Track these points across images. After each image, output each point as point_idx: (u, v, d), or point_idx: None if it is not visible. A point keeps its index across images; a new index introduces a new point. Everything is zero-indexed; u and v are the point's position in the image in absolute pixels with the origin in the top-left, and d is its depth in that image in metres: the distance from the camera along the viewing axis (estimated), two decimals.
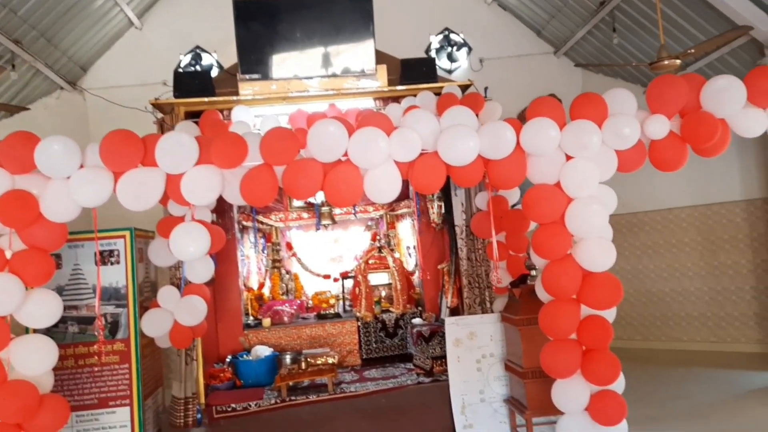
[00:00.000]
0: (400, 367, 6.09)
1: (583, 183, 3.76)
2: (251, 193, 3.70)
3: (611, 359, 3.83)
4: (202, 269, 4.89)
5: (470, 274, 5.50)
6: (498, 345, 5.27)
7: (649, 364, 7.30)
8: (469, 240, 5.53)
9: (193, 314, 4.76)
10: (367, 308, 6.47)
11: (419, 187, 3.84)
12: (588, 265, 3.80)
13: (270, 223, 7.22)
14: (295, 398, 5.18)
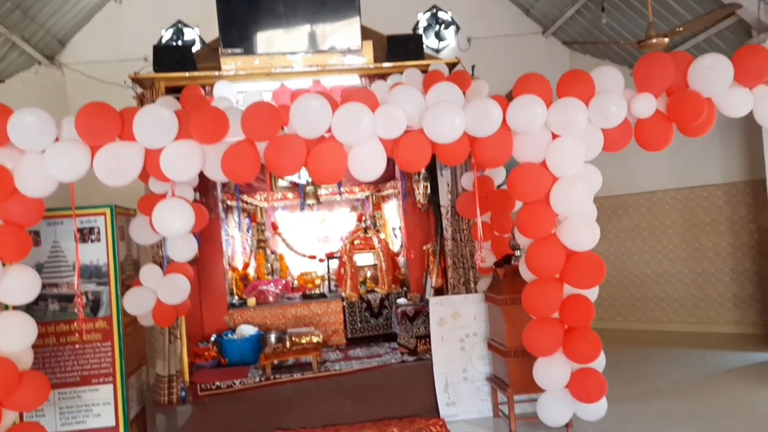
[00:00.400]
0: (384, 346, 6.10)
1: (568, 162, 3.75)
2: (233, 169, 3.64)
3: (592, 338, 3.86)
4: (184, 248, 4.85)
5: (455, 255, 5.50)
6: (481, 324, 5.29)
7: (630, 344, 7.39)
8: (454, 220, 5.53)
9: (176, 293, 4.72)
10: (352, 288, 6.46)
11: (404, 164, 3.81)
12: (572, 244, 3.81)
13: (255, 202, 7.15)
14: (280, 377, 5.18)
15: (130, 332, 4.96)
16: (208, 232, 6.14)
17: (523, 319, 4.29)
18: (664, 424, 4.59)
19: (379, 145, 3.71)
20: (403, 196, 6.39)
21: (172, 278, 4.75)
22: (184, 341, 5.21)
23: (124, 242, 5.04)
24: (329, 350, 6.11)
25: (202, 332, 6.12)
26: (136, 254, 5.36)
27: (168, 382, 4.91)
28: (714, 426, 4.49)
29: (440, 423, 5.00)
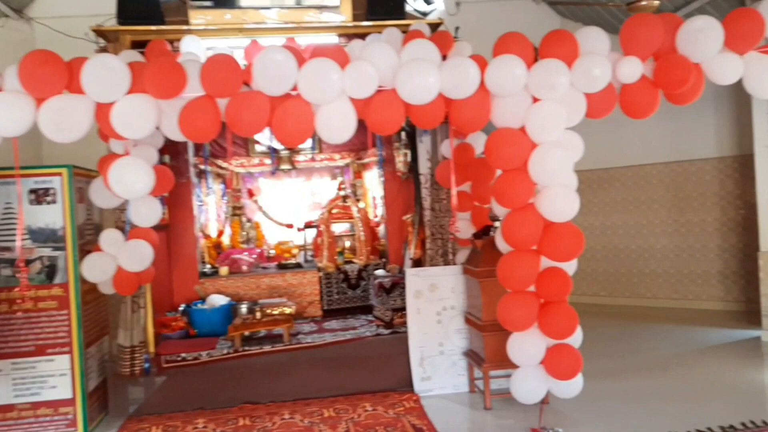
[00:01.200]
0: (360, 318, 5.95)
1: (548, 127, 3.54)
2: (190, 127, 3.40)
3: (569, 312, 3.71)
4: (147, 212, 4.61)
5: (433, 225, 5.31)
6: (459, 297, 5.13)
7: (612, 319, 7.30)
8: (433, 190, 5.32)
9: (138, 259, 4.50)
10: (329, 259, 6.28)
11: (376, 126, 3.58)
12: (550, 214, 3.63)
13: (230, 168, 6.90)
14: (249, 348, 5.01)
15: (89, 300, 4.75)
16: (178, 197, 5.92)
17: (500, 292, 4.12)
18: (642, 402, 4.48)
19: (348, 105, 3.47)
20: (380, 164, 6.16)
21: (133, 244, 4.53)
22: (150, 311, 5.01)
23: (83, 205, 4.79)
24: (304, 322, 5.95)
25: (172, 301, 5.93)
26: (99, 218, 5.12)
27: (131, 353, 4.72)
28: (693, 405, 4.38)
29: (414, 398, 4.87)
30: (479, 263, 4.63)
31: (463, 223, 5.19)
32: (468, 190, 5.20)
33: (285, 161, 6.39)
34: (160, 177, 4.57)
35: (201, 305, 5.69)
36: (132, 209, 4.56)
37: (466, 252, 5.20)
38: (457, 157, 5.02)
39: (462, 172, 5.08)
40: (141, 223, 4.63)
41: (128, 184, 3.62)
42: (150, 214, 4.62)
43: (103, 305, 5.10)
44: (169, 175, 4.70)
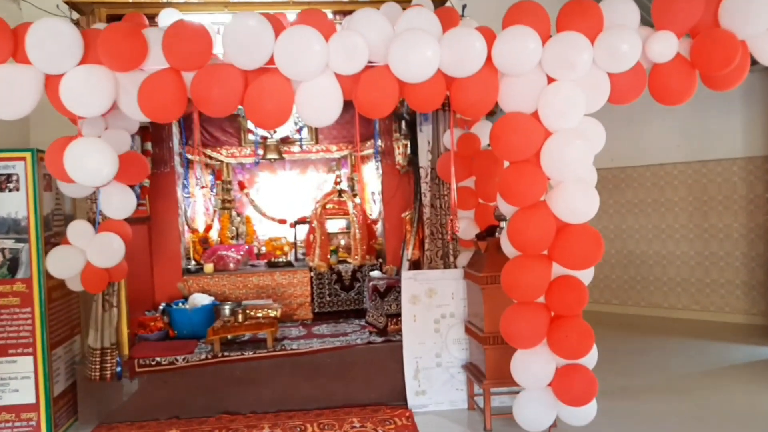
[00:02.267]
0: (353, 323, 5.49)
1: (565, 112, 3.06)
2: (151, 104, 2.96)
3: (583, 329, 3.22)
4: (119, 202, 4.17)
5: (433, 224, 4.84)
6: (460, 304, 4.67)
7: (625, 330, 6.79)
8: (434, 184, 4.84)
9: (107, 254, 4.06)
10: (321, 257, 5.82)
11: (365, 108, 3.11)
12: (564, 214, 3.14)
13: (220, 158, 6.47)
14: (229, 354, 4.57)
15: (57, 297, 4.34)
16: (161, 188, 5.48)
17: (505, 301, 3.68)
18: (657, 427, 3.99)
19: (333, 81, 3.01)
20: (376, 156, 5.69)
21: (103, 237, 4.09)
22: (123, 310, 4.58)
23: (51, 193, 4.38)
24: (293, 325, 5.50)
25: (153, 300, 5.49)
26: (70, 208, 4.70)
27: (101, 356, 4.30)
28: (712, 430, 3.89)
29: (407, 414, 4.41)
30: (482, 268, 4.16)
31: (465, 222, 4.72)
32: (472, 185, 4.73)
33: (272, 150, 5.93)
34: (134, 164, 4.18)
35: (183, 305, 5.25)
36: (102, 199, 4.13)
37: (468, 254, 4.73)
38: (461, 148, 4.56)
39: (466, 166, 4.62)
40: (113, 215, 4.19)
41: (85, 169, 3.18)
42: (122, 205, 4.18)
43: (74, 303, 4.68)
44: (143, 163, 4.27)
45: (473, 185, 4.71)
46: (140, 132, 5.28)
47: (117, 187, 4.12)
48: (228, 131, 6.58)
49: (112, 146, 3.99)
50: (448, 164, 4.48)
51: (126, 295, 4.64)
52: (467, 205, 4.67)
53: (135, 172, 4.17)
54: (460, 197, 4.64)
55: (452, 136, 3.85)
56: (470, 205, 4.71)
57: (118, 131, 4.07)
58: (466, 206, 4.67)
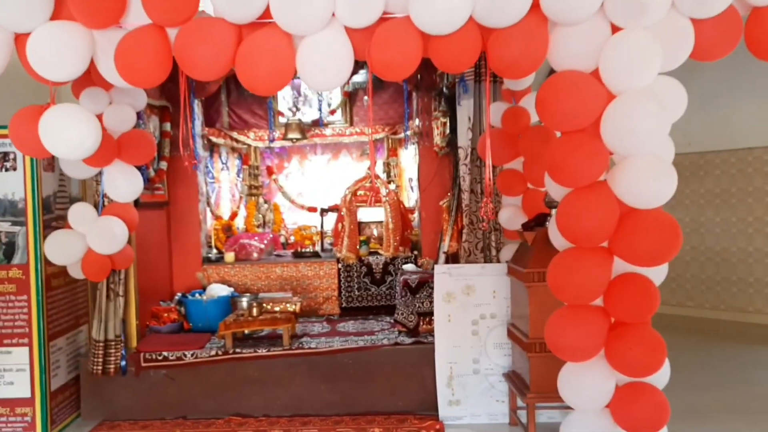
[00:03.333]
0: (383, 321, 4.99)
1: (634, 69, 2.42)
2: (130, 65, 2.52)
3: (652, 340, 2.59)
4: (124, 184, 3.79)
5: (473, 212, 4.25)
6: (502, 304, 4.08)
7: (701, 337, 5.97)
8: (474, 167, 4.25)
9: (108, 239, 3.69)
10: (349, 248, 5.33)
11: (381, 68, 2.56)
12: (630, 197, 2.51)
13: (247, 141, 6.06)
14: (241, 351, 4.15)
15: (59, 285, 4.02)
16: (180, 171, 5.12)
17: (555, 301, 3.08)
18: None
19: (342, 35, 2.48)
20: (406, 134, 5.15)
21: (104, 222, 3.72)
22: (132, 299, 4.24)
23: (53, 173, 4.05)
24: (317, 321, 5.05)
25: (171, 289, 5.16)
26: (79, 191, 4.36)
27: (104, 349, 3.96)
28: None
29: (437, 426, 3.88)
30: (528, 262, 3.56)
31: (511, 210, 4.11)
32: (519, 168, 4.11)
33: (294, 129, 5.45)
34: (140, 143, 3.78)
35: (200, 295, 4.88)
36: (106, 181, 3.76)
37: (513, 247, 4.13)
38: (507, 124, 3.95)
39: (512, 145, 4.00)
40: (117, 198, 3.83)
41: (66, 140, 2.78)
42: (128, 188, 3.81)
43: (81, 291, 4.36)
44: (150, 142, 3.86)
45: (521, 167, 4.09)
46: (158, 112, 4.95)
47: (122, 167, 3.74)
48: (257, 113, 6.17)
49: (116, 124, 3.66)
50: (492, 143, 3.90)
51: (136, 283, 4.29)
52: (513, 190, 4.06)
53: (141, 151, 3.78)
54: (505, 181, 4.04)
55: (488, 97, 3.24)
56: (516, 190, 4.10)
57: (122, 107, 3.69)
58: (511, 191, 4.06)
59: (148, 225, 4.74)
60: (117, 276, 3.97)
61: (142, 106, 3.91)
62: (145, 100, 3.92)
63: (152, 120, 4.76)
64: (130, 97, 3.75)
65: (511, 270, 3.91)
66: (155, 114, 4.84)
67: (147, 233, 4.69)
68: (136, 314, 4.23)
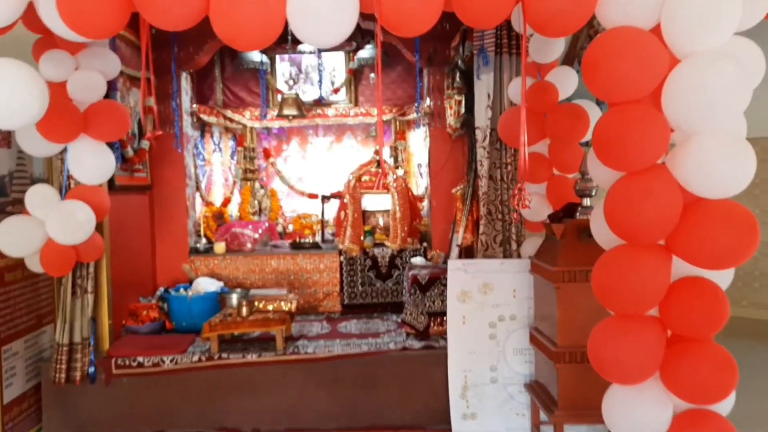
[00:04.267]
0: (389, 320, 4.52)
1: (704, 26, 1.91)
2: (75, 8, 2.01)
3: (721, 358, 2.10)
4: (91, 164, 3.32)
5: (491, 200, 3.75)
6: (523, 305, 3.61)
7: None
8: (494, 150, 3.74)
9: (70, 227, 3.22)
10: (353, 239, 4.85)
11: (392, 19, 2.06)
12: (698, 183, 2.02)
13: (242, 121, 5.57)
14: (228, 356, 3.68)
15: (15, 280, 3.56)
16: (165, 152, 4.65)
17: (588, 305, 2.70)
18: None
19: None
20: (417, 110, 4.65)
21: (66, 206, 3.25)
22: (104, 296, 3.76)
23: (9, 150, 3.57)
24: (316, 320, 4.58)
25: (154, 283, 4.70)
26: (43, 171, 3.88)
27: (68, 353, 3.49)
28: None
29: None
30: (557, 259, 3.07)
31: (535, 199, 3.61)
32: (545, 151, 3.61)
33: (290, 105, 4.95)
34: (111, 116, 3.31)
35: (186, 290, 4.41)
36: (71, 159, 3.28)
37: (536, 241, 3.64)
38: (532, 102, 3.45)
39: (537, 125, 3.51)
40: (83, 179, 3.35)
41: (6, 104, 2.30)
42: (95, 167, 3.34)
43: (45, 288, 3.89)
44: (123, 114, 3.38)
45: (546, 151, 3.60)
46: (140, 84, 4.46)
47: (89, 144, 3.27)
48: (254, 91, 5.68)
49: (82, 93, 3.18)
50: (513, 123, 3.39)
51: (109, 277, 3.81)
52: (538, 176, 3.56)
53: (112, 125, 3.30)
54: (529, 166, 3.54)
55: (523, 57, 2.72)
56: (541, 176, 3.61)
57: (90, 73, 3.21)
58: (535, 178, 3.56)
59: (128, 211, 4.28)
60: (84, 269, 3.49)
61: (113, 73, 3.43)
62: (118, 66, 3.44)
63: (133, 93, 4.28)
64: (100, 63, 3.28)
65: (535, 267, 3.42)
66: (137, 86, 4.35)
67: (126, 220, 4.22)
68: (109, 313, 3.76)
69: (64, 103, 3.08)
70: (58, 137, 3.09)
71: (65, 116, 3.05)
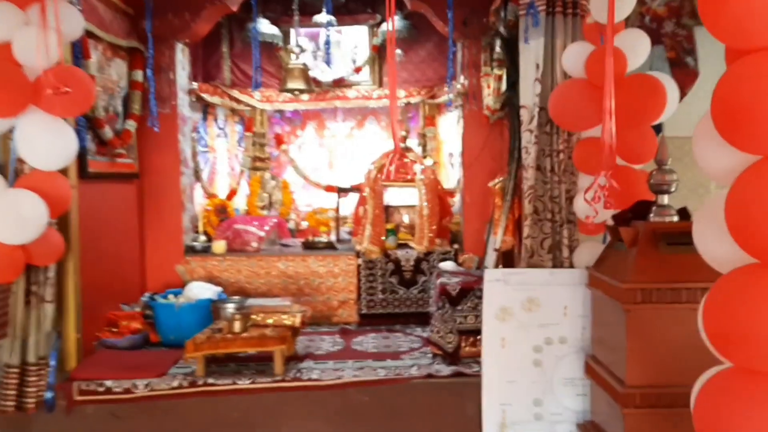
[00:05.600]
0: (413, 335, 3.86)
1: None
2: None
3: None
4: (43, 143, 2.69)
5: (539, 196, 3.00)
6: (576, 325, 2.89)
7: None
8: (543, 134, 2.98)
9: (13, 223, 2.61)
10: (373, 239, 4.17)
11: None
12: None
13: (251, 102, 4.95)
14: (216, 382, 3.05)
15: None
16: (157, 136, 4.06)
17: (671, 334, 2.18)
18: None
19: None
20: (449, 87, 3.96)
21: (9, 197, 2.65)
22: (71, 305, 3.18)
23: None
24: (328, 332, 3.96)
25: (142, 286, 4.12)
26: None
27: (20, 376, 2.89)
28: None
29: None
30: (627, 273, 2.35)
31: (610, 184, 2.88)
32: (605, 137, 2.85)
33: (296, 77, 4.28)
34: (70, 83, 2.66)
35: (175, 297, 3.81)
36: (18, 137, 2.68)
37: (595, 247, 2.92)
38: (591, 73, 2.72)
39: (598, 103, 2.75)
40: (35, 162, 2.74)
41: None
42: (48, 148, 2.71)
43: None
44: (83, 83, 2.73)
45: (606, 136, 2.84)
46: (127, 55, 3.86)
47: (40, 119, 2.65)
48: (267, 70, 5.05)
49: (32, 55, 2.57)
50: (569, 99, 2.68)
51: (77, 283, 3.21)
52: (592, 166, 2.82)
53: (69, 97, 2.66)
54: (583, 154, 2.83)
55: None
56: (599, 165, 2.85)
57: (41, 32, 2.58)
58: (591, 168, 2.82)
59: (107, 202, 3.70)
60: (41, 274, 2.87)
61: (75, 32, 2.82)
62: (81, 25, 2.83)
63: (116, 64, 3.69)
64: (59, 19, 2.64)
65: (594, 280, 2.70)
66: (121, 57, 3.76)
67: (105, 213, 3.65)
68: (77, 325, 3.18)
69: (8, 67, 2.49)
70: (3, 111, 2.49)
71: (8, 84, 2.45)
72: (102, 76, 3.55)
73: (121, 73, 3.76)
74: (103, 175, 3.53)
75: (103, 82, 3.56)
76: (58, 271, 3.00)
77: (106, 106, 3.58)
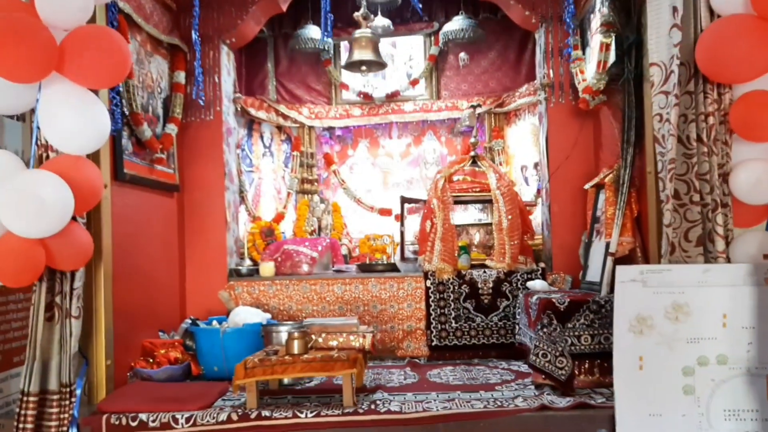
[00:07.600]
0: (500, 367, 3.18)
1: None
2: None
3: None
4: (69, 116, 2.20)
5: (681, 174, 2.37)
6: (740, 338, 2.24)
7: None
8: (685, 94, 2.38)
9: (35, 209, 2.08)
10: (444, 256, 3.55)
11: None
12: None
13: (299, 119, 4.50)
14: (272, 414, 2.40)
15: None
16: (199, 144, 3.63)
17: None
18: None
19: None
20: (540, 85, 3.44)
21: (28, 178, 2.14)
22: (101, 324, 2.60)
23: None
24: (395, 365, 3.30)
25: (181, 313, 3.54)
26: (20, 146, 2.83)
27: (38, 406, 2.29)
28: None
29: None
30: None
31: (757, 168, 2.27)
32: None
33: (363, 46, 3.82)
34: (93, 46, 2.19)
35: (220, 323, 3.22)
36: (40, 111, 2.20)
37: (759, 238, 2.29)
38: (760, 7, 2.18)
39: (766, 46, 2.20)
40: (57, 142, 2.25)
41: None
42: (75, 122, 2.22)
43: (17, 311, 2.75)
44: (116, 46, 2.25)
45: None
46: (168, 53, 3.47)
47: (66, 89, 2.19)
48: (314, 88, 4.67)
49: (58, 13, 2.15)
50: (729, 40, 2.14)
51: (109, 299, 2.65)
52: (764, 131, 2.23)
53: (101, 62, 2.20)
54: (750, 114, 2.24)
55: None
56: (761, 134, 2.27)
57: None
58: (759, 133, 2.23)
59: (146, 213, 3.20)
60: (66, 282, 2.31)
61: None
62: None
63: (155, 60, 3.28)
64: None
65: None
66: (162, 55, 3.36)
67: (143, 225, 3.14)
68: (108, 350, 2.59)
69: (30, 21, 2.05)
70: (21, 74, 2.03)
71: (28, 40, 2.00)
72: (141, 70, 3.13)
73: (162, 72, 3.35)
74: (140, 180, 3.04)
75: (142, 77, 3.15)
76: (86, 281, 2.46)
77: (144, 105, 3.15)
